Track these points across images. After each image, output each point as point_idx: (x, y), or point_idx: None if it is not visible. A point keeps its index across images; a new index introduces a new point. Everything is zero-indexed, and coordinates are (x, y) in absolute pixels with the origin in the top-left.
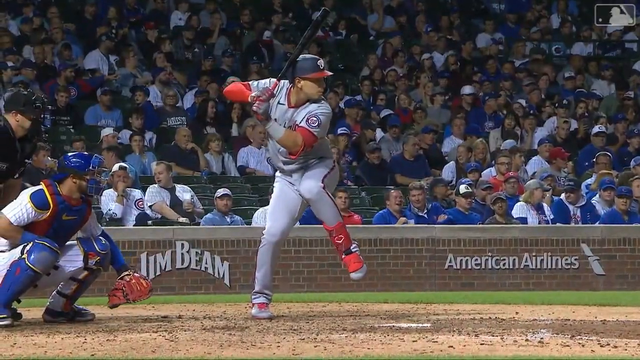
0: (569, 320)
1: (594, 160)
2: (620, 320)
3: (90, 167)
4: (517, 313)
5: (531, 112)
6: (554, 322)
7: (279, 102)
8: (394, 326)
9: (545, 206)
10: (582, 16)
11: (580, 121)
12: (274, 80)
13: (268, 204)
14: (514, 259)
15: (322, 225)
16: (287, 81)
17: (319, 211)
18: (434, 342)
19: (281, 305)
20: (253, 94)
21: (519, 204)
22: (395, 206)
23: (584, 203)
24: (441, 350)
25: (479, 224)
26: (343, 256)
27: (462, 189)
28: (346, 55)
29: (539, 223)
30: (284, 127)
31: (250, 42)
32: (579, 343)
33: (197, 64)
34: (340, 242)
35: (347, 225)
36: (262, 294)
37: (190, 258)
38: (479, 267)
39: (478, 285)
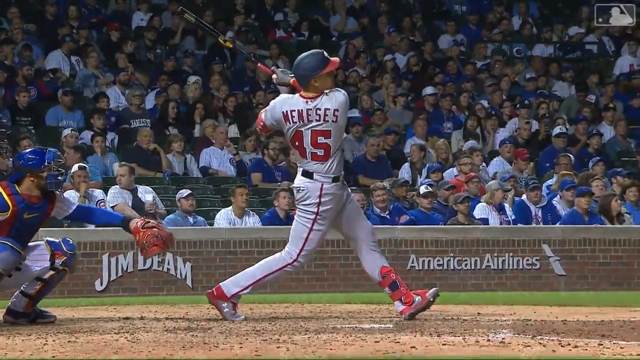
0: (530, 320)
1: (555, 161)
2: (581, 321)
3: (46, 163)
4: (479, 313)
5: (493, 113)
6: (516, 322)
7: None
8: (356, 327)
9: (507, 207)
10: (542, 18)
11: (542, 122)
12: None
13: (228, 206)
14: (476, 260)
15: (286, 226)
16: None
17: None
18: (397, 342)
19: (244, 307)
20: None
21: (480, 204)
22: (285, 206)
23: (544, 203)
24: (403, 351)
25: (442, 224)
26: None
27: (423, 189)
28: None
29: (500, 224)
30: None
31: (212, 43)
32: (540, 343)
33: (159, 64)
34: None
35: None
36: (239, 296)
37: (152, 259)
38: (441, 268)
39: (440, 285)
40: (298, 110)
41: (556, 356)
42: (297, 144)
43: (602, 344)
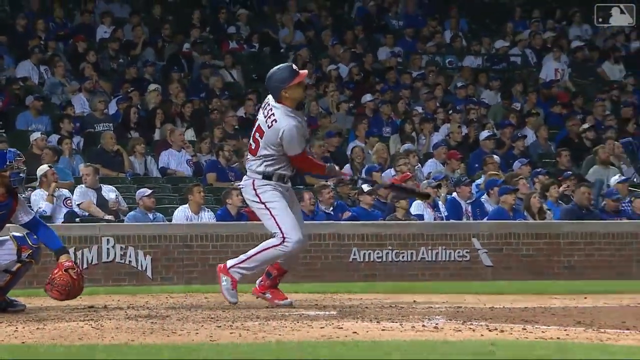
0: (461, 307)
1: (483, 162)
2: (506, 307)
3: (8, 163)
4: (414, 301)
5: (428, 118)
6: (448, 309)
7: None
8: (303, 314)
9: (440, 204)
10: (471, 32)
11: (471, 127)
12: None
13: (185, 204)
14: (412, 252)
15: (238, 222)
16: (277, 104)
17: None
18: (340, 328)
19: (199, 296)
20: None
21: (416, 202)
22: (238, 204)
23: (473, 200)
24: (346, 336)
25: (381, 220)
26: None
27: (365, 188)
28: (259, 66)
29: (434, 219)
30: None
31: (171, 53)
32: (470, 328)
33: (121, 73)
34: None
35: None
36: (244, 275)
37: (115, 252)
38: (380, 260)
39: (379, 276)
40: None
41: (484, 339)
42: None
43: (525, 329)
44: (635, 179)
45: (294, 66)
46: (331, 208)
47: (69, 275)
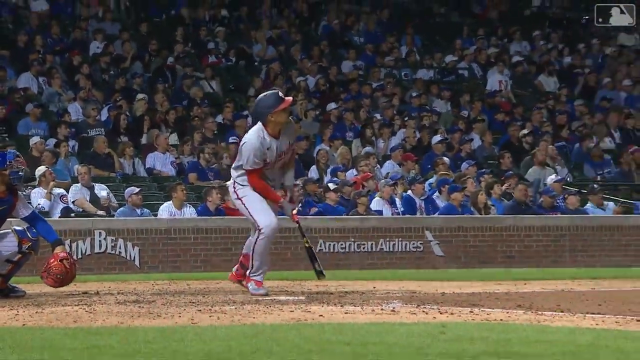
0: (416, 292)
1: (435, 163)
2: (456, 293)
3: (8, 163)
4: (374, 288)
5: (386, 124)
6: (404, 294)
7: (268, 148)
8: (274, 299)
9: (397, 200)
10: (424, 48)
11: (424, 132)
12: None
13: (169, 200)
14: (372, 244)
15: (216, 217)
16: (259, 124)
17: None
18: (307, 312)
19: (182, 283)
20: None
21: (375, 199)
22: (217, 201)
23: (426, 197)
24: (313, 319)
25: (344, 215)
26: None
27: (331, 186)
28: (235, 78)
29: (392, 214)
30: (275, 158)
31: (156, 66)
32: (423, 311)
33: (112, 84)
34: None
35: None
36: (261, 273)
37: (106, 244)
38: (344, 251)
39: (343, 265)
40: None
41: (436, 321)
42: None
43: (472, 312)
44: (568, 179)
45: (280, 93)
46: (300, 205)
47: (64, 265)
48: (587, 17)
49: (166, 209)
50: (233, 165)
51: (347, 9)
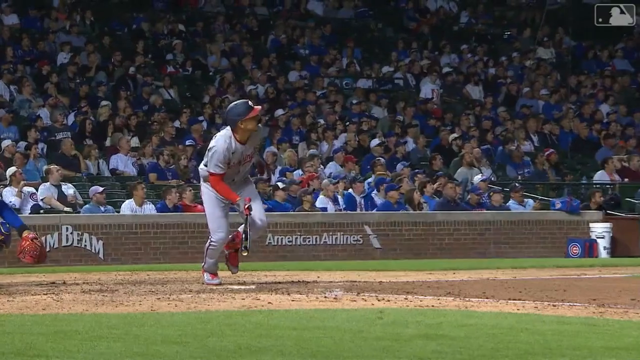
0: (356, 281)
1: (373, 164)
2: (392, 281)
3: None
4: (318, 277)
5: (329, 128)
6: (345, 283)
7: (233, 152)
8: (227, 288)
9: (339, 198)
10: (364, 59)
11: (363, 136)
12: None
13: (130, 198)
14: (316, 237)
15: (174, 213)
16: (229, 130)
17: None
18: (257, 299)
19: (143, 274)
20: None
21: (320, 197)
22: (175, 199)
23: (365, 195)
24: (262, 306)
25: (291, 211)
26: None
27: (279, 185)
28: (192, 86)
29: (334, 211)
30: (241, 160)
31: (119, 76)
32: (363, 298)
33: (78, 91)
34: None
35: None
36: (214, 270)
37: (73, 238)
38: (290, 244)
39: (290, 257)
40: None
41: (374, 307)
42: None
43: (407, 298)
44: (492, 178)
45: (250, 102)
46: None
47: (35, 243)
48: (509, 32)
49: (128, 206)
50: (202, 162)
51: (294, 25)
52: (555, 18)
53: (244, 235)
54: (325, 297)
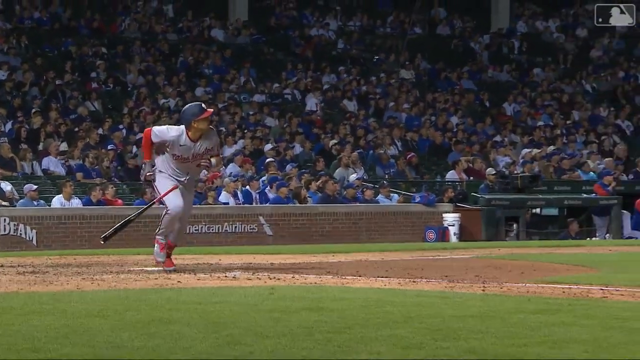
0: (251, 263)
1: (266, 165)
2: (282, 263)
3: None
4: (220, 260)
5: (230, 135)
6: (242, 265)
7: (180, 145)
8: (144, 269)
9: (238, 193)
10: (259, 78)
11: (257, 141)
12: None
13: (60, 194)
14: (219, 226)
15: (98, 207)
16: (183, 127)
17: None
18: (168, 279)
19: (70, 258)
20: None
21: (222, 192)
22: (98, 195)
23: (260, 191)
24: (172, 284)
25: (198, 204)
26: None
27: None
28: (113, 100)
29: (235, 204)
30: (191, 157)
31: (50, 90)
32: (257, 277)
33: (14, 103)
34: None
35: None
36: (164, 237)
37: (10, 228)
38: (197, 232)
39: (197, 243)
40: None
41: (266, 285)
42: None
43: (294, 277)
44: (365, 177)
45: (204, 105)
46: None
47: None
48: (377, 57)
49: (58, 201)
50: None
51: (199, 48)
52: (414, 45)
53: (120, 227)
54: (225, 276)
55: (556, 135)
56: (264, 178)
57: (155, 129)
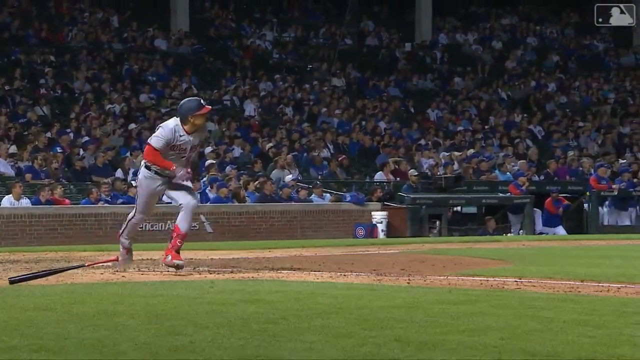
0: (193, 259)
1: (208, 167)
2: (222, 258)
3: None
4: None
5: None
6: (184, 260)
7: (180, 135)
8: (88, 265)
9: None
10: (200, 85)
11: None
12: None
13: (10, 194)
14: (162, 224)
15: (46, 206)
16: (179, 120)
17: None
18: (114, 274)
19: (19, 254)
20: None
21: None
22: (47, 195)
23: (201, 191)
24: (117, 279)
25: None
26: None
27: (133, 183)
28: (60, 105)
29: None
30: (189, 150)
31: (0, 96)
32: (197, 272)
33: None
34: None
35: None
36: (127, 238)
37: None
38: (142, 229)
39: (141, 240)
40: None
41: (206, 279)
42: None
43: (232, 271)
44: (299, 177)
45: (202, 101)
46: (110, 196)
47: None
48: (311, 65)
49: (7, 200)
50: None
51: (143, 57)
52: (345, 55)
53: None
54: (168, 271)
55: (475, 139)
56: (204, 179)
57: (153, 139)
